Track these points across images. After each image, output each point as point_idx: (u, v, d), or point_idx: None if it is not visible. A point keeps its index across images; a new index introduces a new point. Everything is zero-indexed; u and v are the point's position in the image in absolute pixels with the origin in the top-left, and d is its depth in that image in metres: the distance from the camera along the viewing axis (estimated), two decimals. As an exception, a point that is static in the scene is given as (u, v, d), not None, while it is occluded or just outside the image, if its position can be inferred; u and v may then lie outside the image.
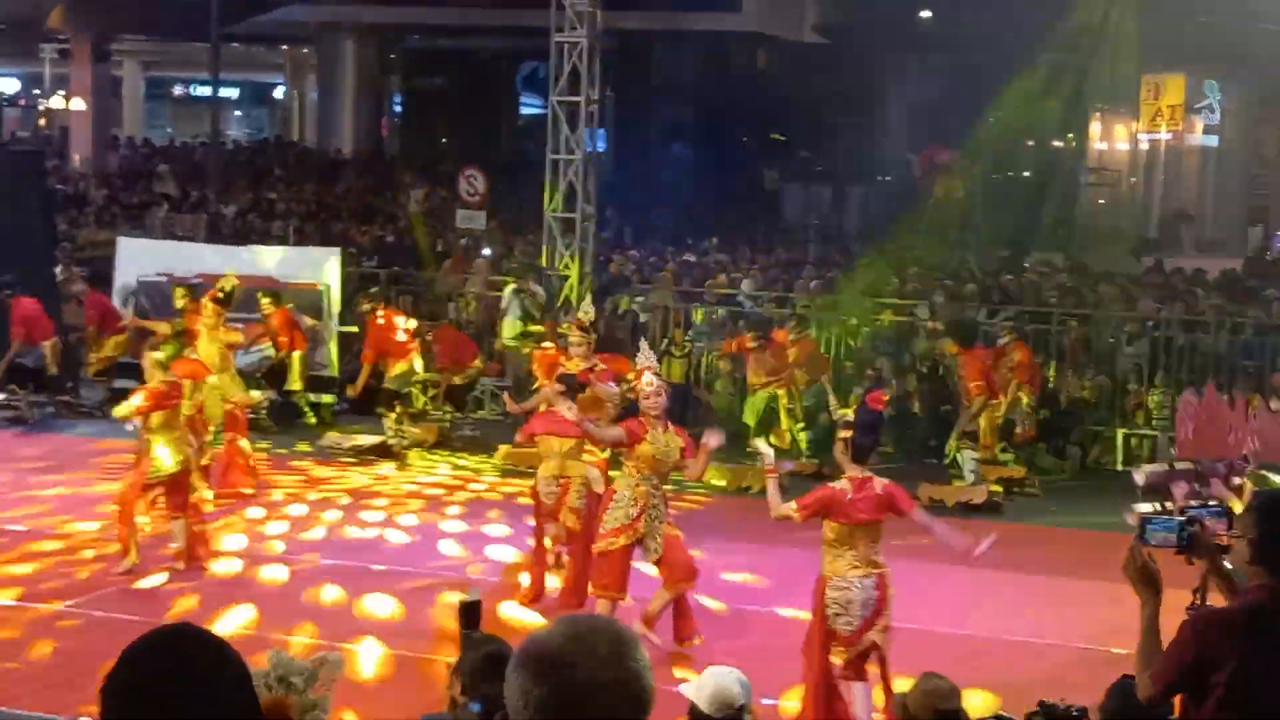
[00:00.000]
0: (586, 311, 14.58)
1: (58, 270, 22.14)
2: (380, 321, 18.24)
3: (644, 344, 12.22)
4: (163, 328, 16.17)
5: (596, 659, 2.71)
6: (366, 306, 18.89)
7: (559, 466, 12.36)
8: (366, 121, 37.16)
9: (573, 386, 12.56)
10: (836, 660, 9.40)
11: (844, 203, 35.27)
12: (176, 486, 12.83)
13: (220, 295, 16.29)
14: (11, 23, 34.02)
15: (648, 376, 11.05)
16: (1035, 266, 26.11)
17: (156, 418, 12.74)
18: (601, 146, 23.89)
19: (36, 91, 45.69)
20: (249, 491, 15.50)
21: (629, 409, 12.17)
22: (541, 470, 12.54)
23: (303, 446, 18.31)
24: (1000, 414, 17.30)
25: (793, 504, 9.49)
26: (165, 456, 12.72)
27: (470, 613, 6.86)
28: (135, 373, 13.99)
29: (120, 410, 13.12)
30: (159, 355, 13.17)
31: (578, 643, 2.73)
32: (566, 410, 11.76)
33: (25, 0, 29.87)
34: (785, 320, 19.64)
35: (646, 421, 10.95)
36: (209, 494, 14.36)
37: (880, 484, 9.43)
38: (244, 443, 15.76)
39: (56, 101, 39.57)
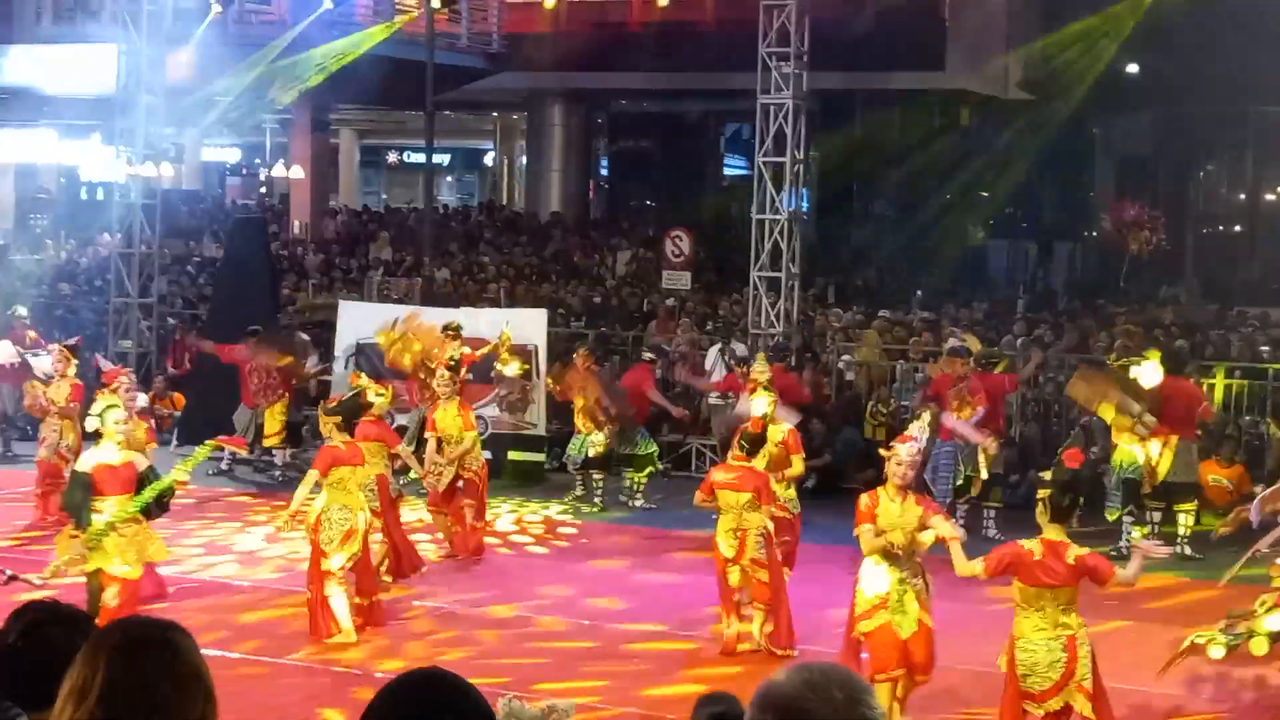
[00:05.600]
0: (762, 371, 14.73)
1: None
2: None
3: (926, 415, 11.45)
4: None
5: (832, 706, 2.74)
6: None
7: (736, 519, 12.38)
8: (574, 185, 37.76)
9: (756, 444, 12.70)
10: (1035, 713, 9.37)
11: (1050, 259, 34.95)
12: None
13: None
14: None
15: (912, 446, 10.43)
16: (1248, 321, 25.63)
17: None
18: (805, 206, 24.06)
19: (257, 161, 47.28)
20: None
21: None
22: (719, 524, 12.52)
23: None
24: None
25: (979, 562, 9.38)
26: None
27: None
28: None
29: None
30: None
31: (813, 689, 2.76)
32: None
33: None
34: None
35: (880, 493, 10.39)
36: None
37: (1075, 553, 9.19)
38: None
39: (277, 170, 40.83)
